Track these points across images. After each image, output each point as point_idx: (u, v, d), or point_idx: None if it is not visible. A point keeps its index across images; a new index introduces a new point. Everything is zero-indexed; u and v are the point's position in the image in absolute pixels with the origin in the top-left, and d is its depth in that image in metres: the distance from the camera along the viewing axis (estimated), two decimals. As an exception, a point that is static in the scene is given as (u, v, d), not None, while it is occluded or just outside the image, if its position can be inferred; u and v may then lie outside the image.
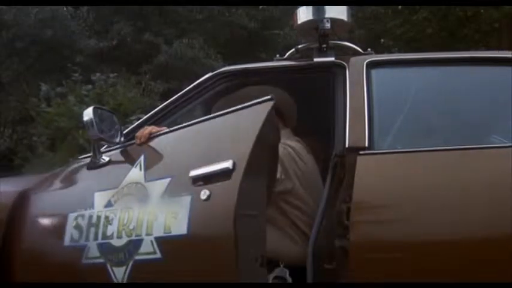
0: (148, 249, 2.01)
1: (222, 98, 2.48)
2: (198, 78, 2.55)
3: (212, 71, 2.54)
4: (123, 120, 8.14)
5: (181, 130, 2.26)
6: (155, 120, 2.55)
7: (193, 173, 1.95)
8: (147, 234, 2.02)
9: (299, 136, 2.57)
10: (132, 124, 2.77)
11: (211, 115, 2.20)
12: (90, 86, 9.67)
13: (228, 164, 1.86)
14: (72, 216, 2.35)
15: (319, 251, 2.07)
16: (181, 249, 1.94)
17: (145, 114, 2.68)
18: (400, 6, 11.46)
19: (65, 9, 15.90)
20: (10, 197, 2.59)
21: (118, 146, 2.47)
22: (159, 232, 1.98)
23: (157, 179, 2.09)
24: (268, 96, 1.97)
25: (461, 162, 2.03)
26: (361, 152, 2.06)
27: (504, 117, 2.23)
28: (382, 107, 2.22)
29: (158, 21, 16.96)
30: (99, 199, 2.28)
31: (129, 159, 2.34)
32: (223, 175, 1.86)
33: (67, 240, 2.32)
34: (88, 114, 2.41)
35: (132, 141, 2.42)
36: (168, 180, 2.05)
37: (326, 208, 2.13)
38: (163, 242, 1.96)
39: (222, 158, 1.89)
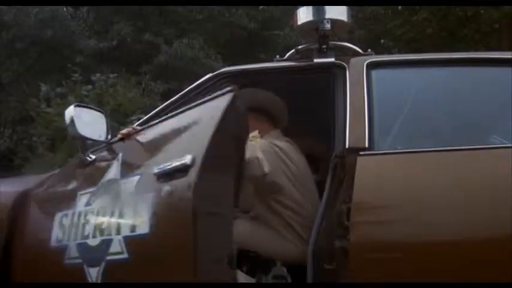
0: (117, 249, 1.98)
1: None
2: (198, 79, 2.55)
3: (212, 72, 2.53)
4: (123, 120, 8.14)
5: (153, 127, 2.25)
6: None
7: (157, 169, 1.92)
8: (116, 234, 1.99)
9: (299, 136, 2.57)
10: (132, 124, 2.77)
11: (178, 110, 2.19)
12: (90, 87, 9.67)
13: (186, 159, 1.82)
14: (58, 215, 2.35)
15: (319, 252, 2.07)
16: (144, 249, 1.91)
17: (146, 115, 2.68)
18: (400, 7, 11.46)
19: (64, 9, 15.89)
20: (10, 197, 2.60)
21: (104, 144, 2.46)
22: (126, 231, 1.95)
23: (129, 177, 2.07)
24: (228, 88, 1.93)
25: (461, 163, 2.03)
26: (361, 153, 2.06)
27: (504, 117, 2.23)
28: (382, 108, 2.22)
29: (158, 21, 16.95)
30: (82, 198, 2.27)
31: (111, 157, 2.32)
32: (183, 171, 1.82)
33: (53, 240, 2.32)
34: (69, 112, 2.38)
35: (115, 139, 2.41)
36: (137, 177, 2.03)
37: (326, 208, 2.13)
38: (130, 242, 1.94)
39: (183, 154, 1.85)
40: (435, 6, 10.33)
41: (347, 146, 2.11)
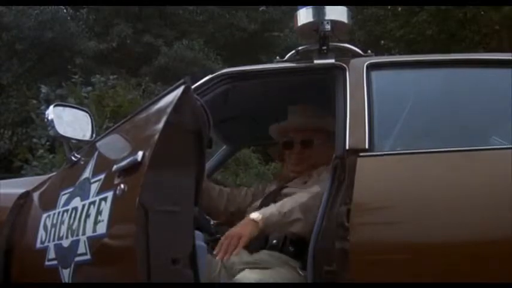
0: (82, 250, 1.94)
1: None
2: (198, 80, 2.54)
3: (212, 73, 2.53)
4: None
5: (124, 124, 2.23)
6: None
7: (116, 167, 1.89)
8: (83, 234, 1.95)
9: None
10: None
11: (141, 107, 2.15)
12: (90, 88, 9.66)
13: (137, 155, 1.77)
14: (44, 216, 2.34)
15: (319, 253, 2.07)
16: (103, 249, 1.87)
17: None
18: (399, 8, 11.46)
19: (65, 10, 15.92)
20: (10, 199, 2.60)
21: (88, 143, 2.46)
22: (89, 232, 1.92)
23: (97, 175, 2.05)
24: (181, 81, 1.88)
25: (461, 164, 2.03)
26: (361, 154, 2.06)
27: (504, 119, 2.24)
28: (382, 109, 2.22)
29: (158, 23, 16.97)
30: (62, 198, 2.26)
31: (90, 156, 2.30)
32: (134, 168, 1.78)
33: (38, 242, 2.31)
34: (49, 113, 2.37)
35: (98, 137, 2.40)
36: (103, 176, 2.00)
37: (326, 210, 2.13)
38: (92, 243, 1.91)
39: (136, 150, 1.81)
40: (435, 10, 10.33)
41: (347, 147, 2.10)
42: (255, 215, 2.17)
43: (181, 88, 1.85)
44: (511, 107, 2.15)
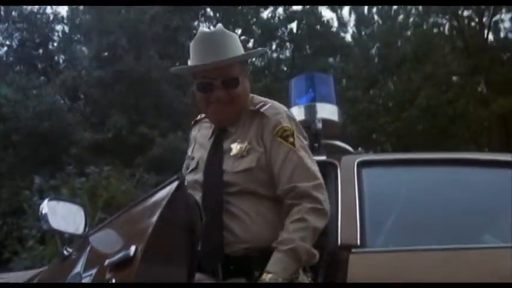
0: None
1: None
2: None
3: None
4: (116, 212, 8.07)
5: (118, 218, 2.22)
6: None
7: (108, 262, 1.88)
8: None
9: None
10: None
11: (136, 201, 2.17)
12: (83, 179, 9.68)
13: (130, 250, 1.76)
14: None
15: None
16: None
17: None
18: (390, 104, 11.73)
19: (62, 101, 16.16)
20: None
21: (81, 237, 2.45)
22: None
23: (89, 270, 2.03)
24: (175, 177, 1.88)
25: (453, 262, 2.03)
26: (353, 250, 2.06)
27: (495, 217, 2.26)
28: (373, 206, 2.24)
29: (153, 114, 17.20)
30: None
31: (82, 250, 2.28)
32: (127, 262, 1.76)
33: None
34: (42, 207, 2.39)
35: (92, 231, 2.40)
36: (94, 271, 1.98)
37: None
38: None
39: (128, 245, 1.80)
40: (425, 105, 10.58)
41: (339, 243, 2.11)
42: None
43: (175, 184, 1.87)
44: (501, 206, 2.18)
